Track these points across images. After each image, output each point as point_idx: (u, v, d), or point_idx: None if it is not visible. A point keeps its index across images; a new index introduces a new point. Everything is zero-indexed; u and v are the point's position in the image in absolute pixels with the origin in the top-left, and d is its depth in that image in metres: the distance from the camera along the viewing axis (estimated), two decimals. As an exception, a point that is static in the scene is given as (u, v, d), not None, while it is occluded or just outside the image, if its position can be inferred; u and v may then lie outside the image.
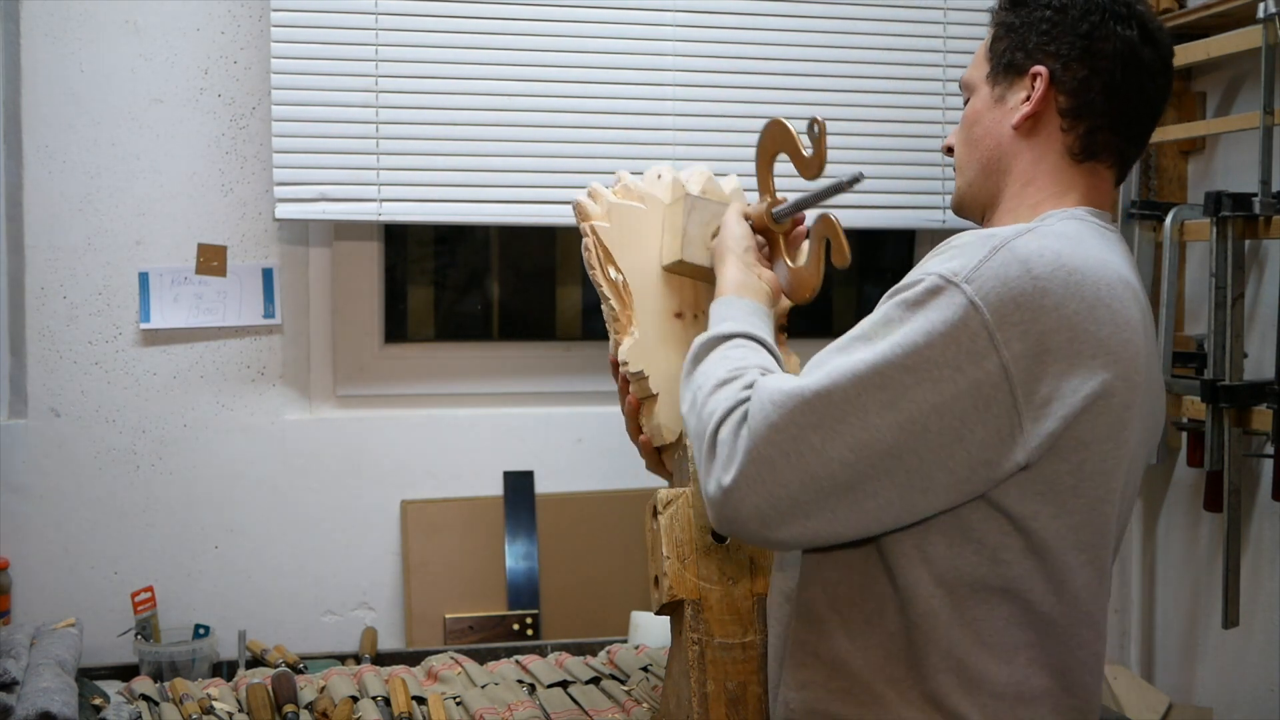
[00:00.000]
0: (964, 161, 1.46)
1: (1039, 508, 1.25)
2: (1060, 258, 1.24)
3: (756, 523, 1.23)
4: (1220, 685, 2.48)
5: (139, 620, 2.30)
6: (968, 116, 1.46)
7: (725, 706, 1.52)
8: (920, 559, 1.27)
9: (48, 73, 2.37)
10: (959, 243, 1.28)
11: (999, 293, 1.20)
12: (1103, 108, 1.37)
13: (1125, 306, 1.27)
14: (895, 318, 1.23)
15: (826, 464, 1.20)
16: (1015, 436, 1.21)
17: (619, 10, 2.50)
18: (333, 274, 2.57)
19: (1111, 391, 1.24)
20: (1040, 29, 1.39)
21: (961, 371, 1.19)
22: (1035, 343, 1.20)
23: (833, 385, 1.21)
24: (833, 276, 3.07)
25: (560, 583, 2.58)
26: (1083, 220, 1.34)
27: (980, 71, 1.45)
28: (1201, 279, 2.49)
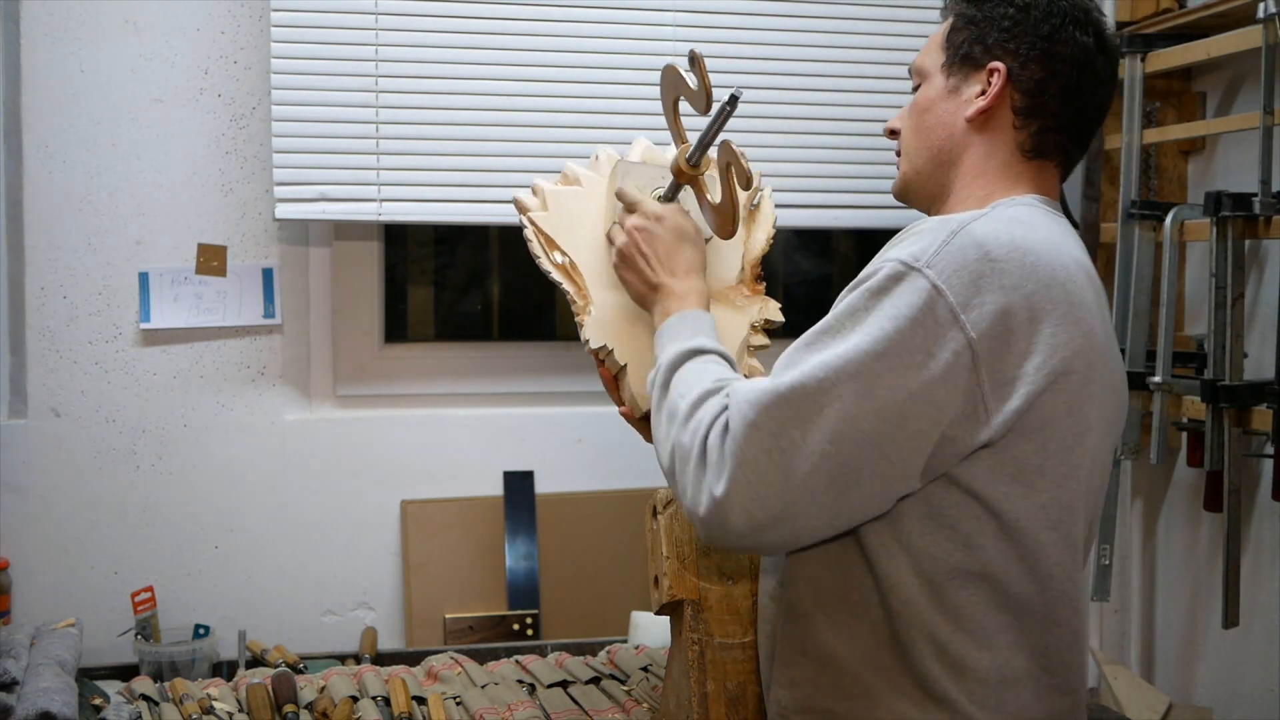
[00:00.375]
0: (912, 148, 1.48)
1: (1008, 489, 1.27)
2: (1015, 240, 1.27)
3: (747, 527, 1.23)
4: (1220, 685, 2.48)
5: (139, 620, 2.30)
6: (919, 103, 1.47)
7: (725, 706, 1.53)
8: (898, 547, 1.29)
9: (48, 73, 2.37)
10: (916, 229, 1.32)
11: (959, 274, 1.23)
12: (1055, 109, 1.40)
13: (1080, 288, 1.30)
14: (861, 306, 1.26)
15: (808, 457, 1.21)
16: (979, 415, 1.24)
17: (619, 10, 2.50)
18: (333, 274, 2.57)
19: (1070, 369, 1.27)
20: (1001, 25, 1.41)
21: (931, 355, 1.22)
22: (998, 322, 1.23)
23: (808, 379, 1.23)
24: (833, 277, 3.08)
25: (560, 583, 2.58)
26: (1034, 206, 1.37)
27: (934, 59, 1.46)
28: (1201, 279, 2.49)
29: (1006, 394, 1.24)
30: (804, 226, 2.72)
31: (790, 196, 2.59)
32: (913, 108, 1.48)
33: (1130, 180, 2.48)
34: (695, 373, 1.37)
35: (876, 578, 1.30)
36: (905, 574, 1.29)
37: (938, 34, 1.48)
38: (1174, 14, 2.44)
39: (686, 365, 1.39)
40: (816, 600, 1.35)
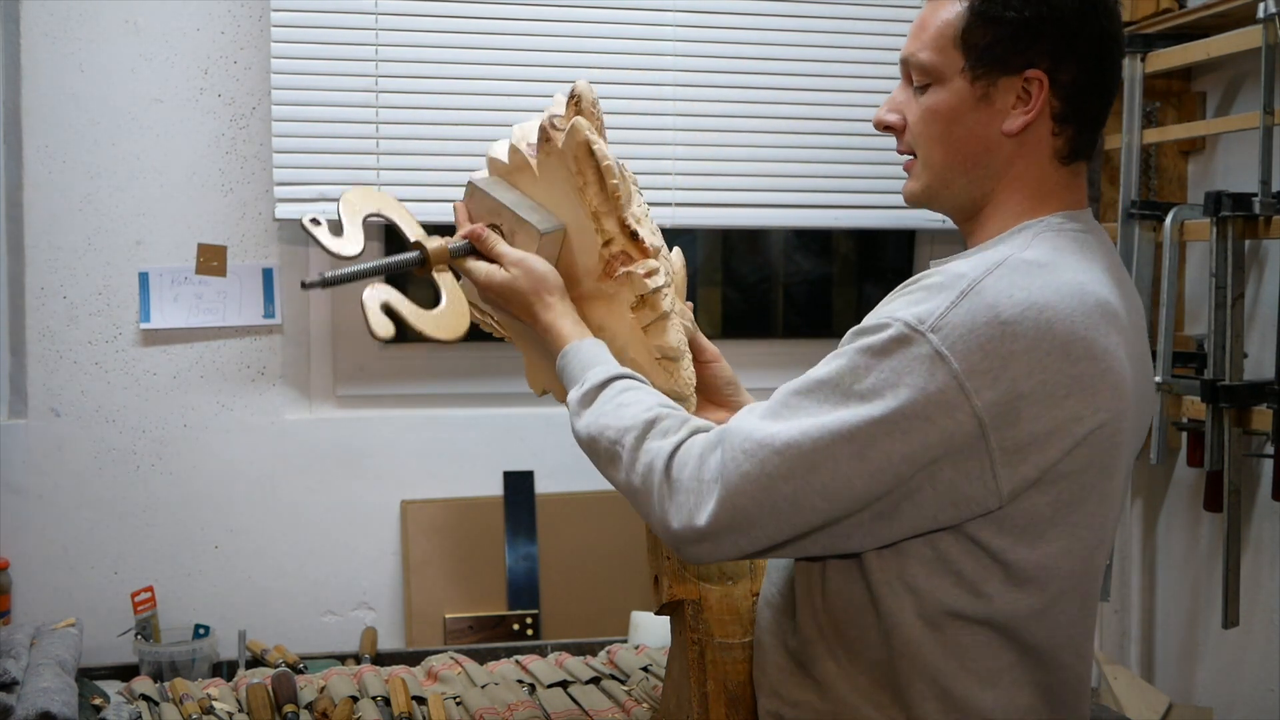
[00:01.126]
0: (937, 161, 1.35)
1: (1015, 541, 1.24)
2: (1031, 296, 1.20)
3: (734, 556, 1.25)
4: (1220, 685, 2.48)
5: (139, 620, 2.30)
6: (944, 113, 1.33)
7: (725, 706, 1.52)
8: (903, 588, 1.27)
9: (48, 73, 2.37)
10: (927, 283, 1.24)
11: (967, 341, 1.18)
12: (1092, 110, 1.33)
13: (1103, 336, 1.23)
14: (862, 365, 1.21)
15: (800, 510, 1.21)
16: (988, 482, 1.20)
17: (619, 10, 2.51)
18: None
19: (1090, 428, 1.21)
20: (1030, 25, 1.28)
21: (932, 422, 1.18)
22: (1008, 389, 1.18)
23: (802, 437, 1.20)
24: (834, 277, 3.08)
25: (560, 583, 2.58)
26: (1059, 232, 1.30)
27: (948, 61, 1.31)
28: (1201, 279, 2.49)
29: (1018, 461, 1.20)
30: (804, 226, 2.72)
31: (790, 196, 2.60)
32: (932, 115, 1.33)
33: (1130, 180, 2.48)
34: (612, 413, 1.35)
35: (879, 615, 1.29)
36: (908, 614, 1.27)
37: (941, 26, 1.32)
38: (1174, 14, 2.44)
39: (592, 409, 1.37)
40: (821, 631, 1.35)
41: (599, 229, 1.49)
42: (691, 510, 1.24)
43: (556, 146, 1.49)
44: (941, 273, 1.25)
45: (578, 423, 1.38)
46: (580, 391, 1.39)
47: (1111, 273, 1.32)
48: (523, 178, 1.55)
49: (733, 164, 2.57)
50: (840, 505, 1.21)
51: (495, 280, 1.49)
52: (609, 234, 1.50)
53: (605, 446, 1.34)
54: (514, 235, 1.52)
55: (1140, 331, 1.35)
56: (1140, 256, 2.46)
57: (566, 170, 1.48)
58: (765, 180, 2.58)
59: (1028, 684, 1.30)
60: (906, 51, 1.35)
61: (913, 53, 1.34)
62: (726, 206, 2.58)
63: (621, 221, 1.50)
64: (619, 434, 1.32)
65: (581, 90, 1.51)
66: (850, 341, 1.24)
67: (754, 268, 3.04)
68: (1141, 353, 1.34)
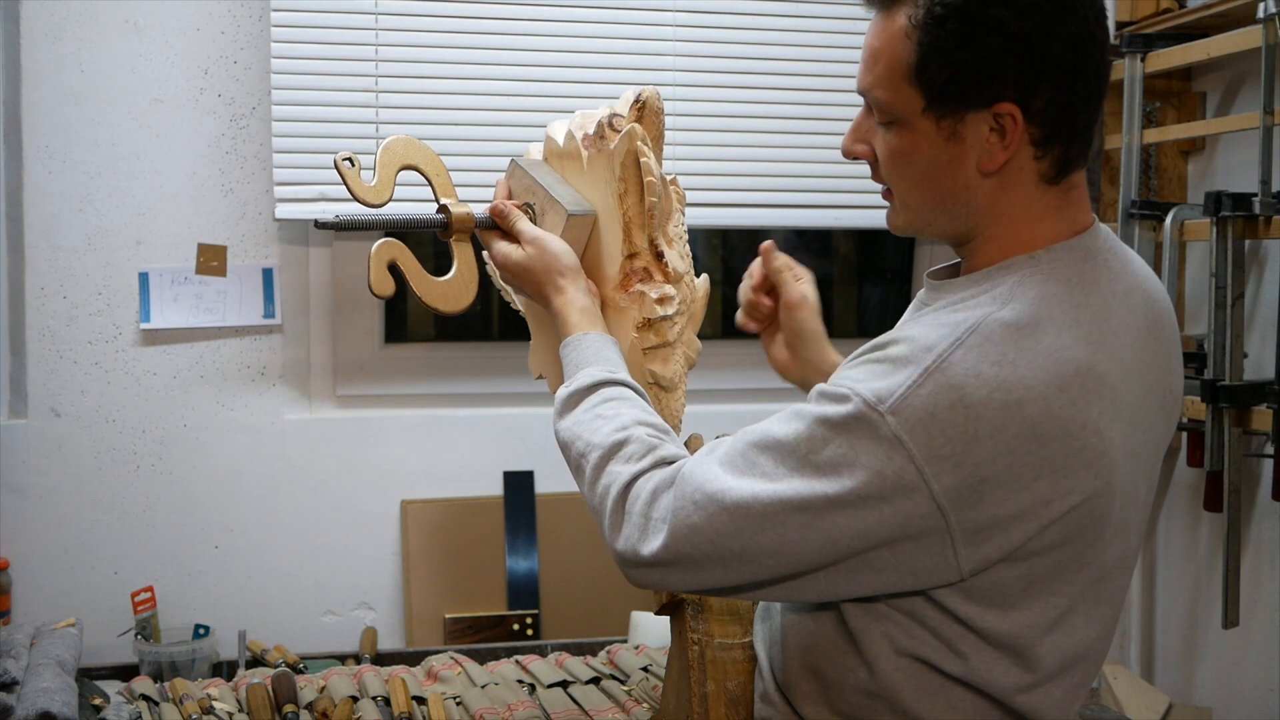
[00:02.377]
0: (913, 201, 1.27)
1: (984, 609, 1.19)
2: (1000, 374, 1.12)
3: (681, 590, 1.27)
4: (1220, 685, 2.48)
5: (139, 620, 2.30)
6: (909, 154, 1.22)
7: (725, 706, 1.52)
8: (882, 637, 1.24)
9: (48, 73, 2.37)
10: (893, 353, 1.17)
11: (927, 426, 1.11)
12: (1076, 121, 1.20)
13: (1082, 410, 1.14)
14: (819, 437, 1.16)
15: (746, 564, 1.19)
16: (949, 559, 1.16)
17: (619, 10, 2.50)
18: (333, 274, 2.57)
19: (1062, 510, 1.15)
20: (986, 55, 1.16)
21: (888, 503, 1.13)
22: (969, 473, 1.12)
23: (753, 500, 1.17)
24: (834, 277, 3.08)
25: (560, 583, 2.58)
26: (1047, 278, 1.20)
27: (905, 99, 1.20)
28: (1201, 279, 2.49)
29: (980, 542, 1.15)
30: (804, 226, 2.72)
31: (790, 196, 2.60)
32: (899, 157, 1.24)
33: (1130, 180, 2.48)
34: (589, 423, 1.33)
35: (862, 663, 1.26)
36: (891, 660, 1.24)
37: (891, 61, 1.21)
38: (1174, 14, 2.44)
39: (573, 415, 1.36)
40: (800, 673, 1.33)
41: (627, 239, 1.47)
42: (636, 542, 1.23)
43: (608, 146, 1.48)
44: (909, 341, 1.17)
45: (558, 423, 1.38)
46: (567, 391, 1.38)
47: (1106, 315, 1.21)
48: (571, 165, 1.54)
49: (733, 164, 2.57)
50: (790, 565, 1.18)
51: (511, 257, 1.47)
52: (636, 247, 1.48)
53: (574, 457, 1.34)
54: (544, 215, 1.51)
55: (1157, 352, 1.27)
56: (1140, 257, 2.46)
57: (610, 173, 1.47)
58: (765, 180, 2.58)
59: None
60: (862, 85, 1.25)
61: (868, 88, 1.24)
62: (726, 206, 2.58)
63: (651, 239, 1.48)
64: (587, 448, 1.31)
65: (648, 96, 1.50)
66: (816, 402, 1.19)
67: (754, 268, 3.04)
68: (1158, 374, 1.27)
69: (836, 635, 1.28)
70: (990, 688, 1.23)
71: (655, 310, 1.46)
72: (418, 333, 2.76)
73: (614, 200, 1.47)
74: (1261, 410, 2.22)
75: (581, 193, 1.52)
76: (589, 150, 1.51)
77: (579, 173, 1.53)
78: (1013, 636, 1.20)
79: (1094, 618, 1.25)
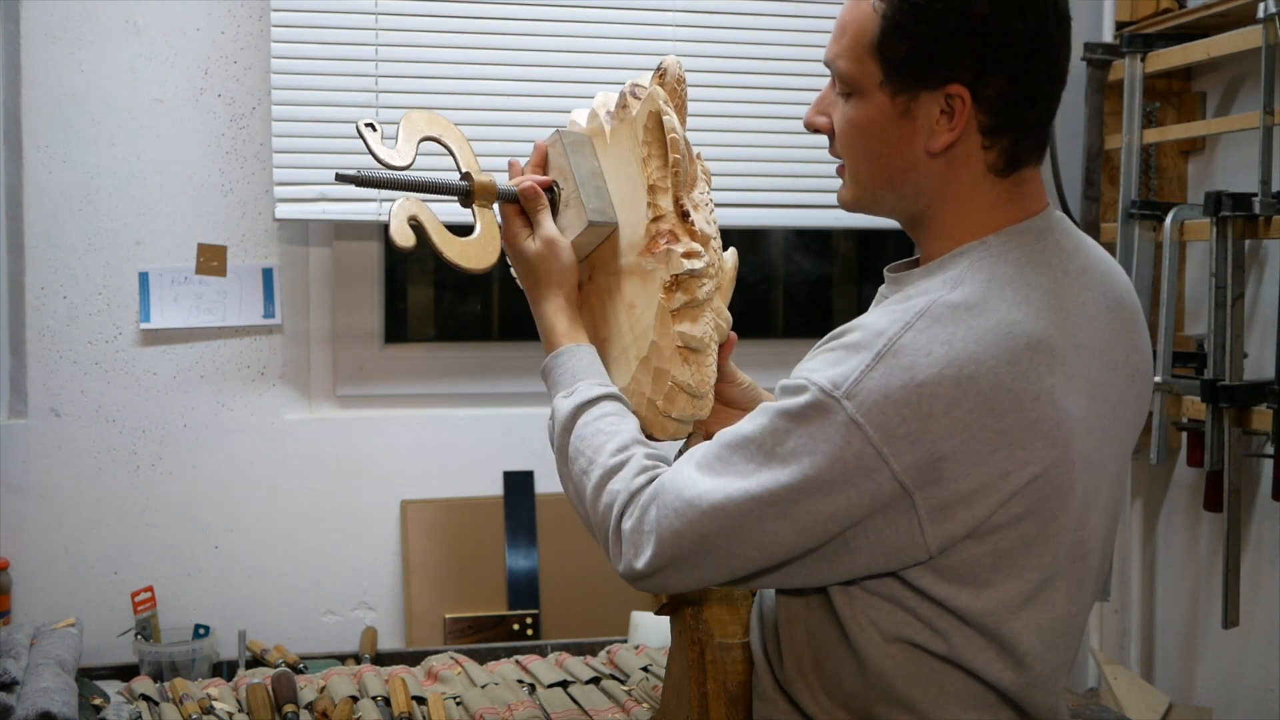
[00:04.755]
0: (863, 174, 1.30)
1: (957, 589, 1.21)
2: (951, 352, 1.15)
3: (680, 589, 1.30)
4: (1220, 685, 2.48)
5: (139, 620, 2.30)
6: (864, 126, 1.27)
7: (725, 706, 1.52)
8: (869, 623, 1.26)
9: (48, 73, 2.37)
10: (847, 340, 1.21)
11: (882, 407, 1.15)
12: (1025, 116, 1.23)
13: (1035, 381, 1.17)
14: (781, 429, 1.20)
15: (734, 558, 1.24)
16: (916, 537, 1.19)
17: (619, 10, 2.51)
18: (333, 274, 2.57)
19: (1022, 481, 1.17)
20: (946, 34, 1.19)
21: (853, 485, 1.17)
22: (927, 451, 1.15)
23: (726, 501, 1.21)
24: (834, 277, 3.08)
25: (560, 583, 2.58)
26: (998, 259, 1.23)
27: (866, 71, 1.24)
28: (1201, 279, 2.49)
29: (946, 518, 1.17)
30: (804, 226, 2.72)
31: (790, 196, 2.60)
32: (853, 129, 1.28)
33: (1130, 180, 2.48)
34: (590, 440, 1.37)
35: (854, 651, 1.28)
36: (880, 647, 1.26)
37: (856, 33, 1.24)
38: (1174, 14, 2.44)
39: (575, 429, 1.39)
40: (799, 666, 1.34)
41: (652, 203, 1.45)
42: (632, 560, 1.28)
43: (630, 114, 1.48)
44: (862, 329, 1.21)
45: (560, 437, 1.41)
46: (571, 404, 1.41)
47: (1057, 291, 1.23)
48: (599, 143, 1.54)
49: (733, 164, 2.57)
50: (773, 555, 1.22)
51: (519, 244, 1.49)
52: (661, 210, 1.45)
53: (576, 473, 1.37)
54: (567, 207, 1.50)
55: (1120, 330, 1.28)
56: (1140, 256, 2.46)
57: (634, 141, 1.47)
58: (765, 180, 2.58)
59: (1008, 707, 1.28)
60: (828, 56, 1.29)
61: (833, 58, 1.28)
62: (727, 206, 2.57)
63: (677, 199, 1.46)
64: (589, 465, 1.35)
65: (668, 65, 1.49)
66: (779, 396, 1.23)
67: (754, 268, 3.04)
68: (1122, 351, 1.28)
69: (829, 626, 1.30)
70: (974, 666, 1.25)
71: (681, 265, 1.43)
72: (418, 333, 2.76)
73: (637, 167, 1.47)
74: (1261, 410, 2.22)
75: (605, 169, 1.52)
76: (613, 123, 1.52)
77: (604, 148, 1.53)
78: (988, 614, 1.22)
79: (1069, 594, 1.26)
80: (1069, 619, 1.28)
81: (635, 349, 1.49)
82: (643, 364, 1.48)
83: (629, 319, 1.51)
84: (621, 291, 1.50)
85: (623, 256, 1.51)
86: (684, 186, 1.47)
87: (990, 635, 1.24)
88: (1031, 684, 1.27)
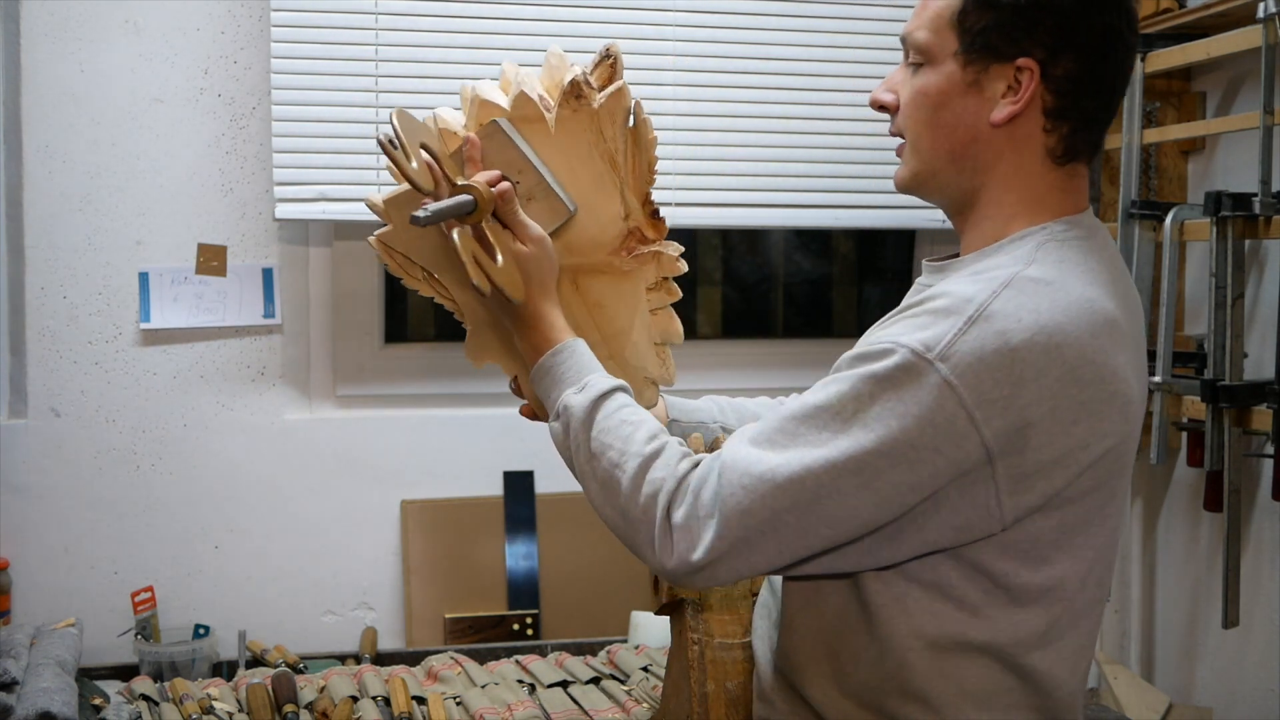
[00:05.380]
0: (924, 145, 1.31)
1: (1018, 565, 1.22)
2: (1039, 319, 1.17)
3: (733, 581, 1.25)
4: (1220, 685, 2.48)
5: (139, 620, 2.30)
6: (930, 95, 1.29)
7: (725, 706, 1.52)
8: (899, 610, 1.25)
9: (48, 73, 2.37)
10: (932, 306, 1.21)
11: (976, 370, 1.15)
12: (1089, 107, 1.28)
13: (1112, 356, 1.21)
14: (866, 394, 1.17)
15: (803, 537, 1.19)
16: (992, 509, 1.19)
17: (619, 10, 2.50)
18: (333, 274, 2.57)
19: (1097, 454, 1.20)
20: (1027, 12, 1.24)
21: (940, 453, 1.16)
22: (1016, 417, 1.16)
23: (805, 472, 1.17)
24: (834, 277, 3.08)
25: (560, 583, 2.58)
26: (1063, 243, 1.26)
27: (942, 42, 1.28)
28: (1201, 279, 2.49)
29: (1024, 489, 1.18)
30: (804, 226, 2.72)
31: (790, 196, 2.60)
32: (921, 98, 1.30)
33: (1130, 180, 2.48)
34: (615, 431, 1.30)
35: (876, 639, 1.27)
36: (906, 638, 1.25)
37: (940, 7, 1.28)
38: (1174, 14, 2.44)
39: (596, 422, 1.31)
40: (810, 654, 1.33)
41: (622, 200, 1.43)
42: (687, 550, 1.21)
43: (589, 106, 1.39)
44: (947, 295, 1.21)
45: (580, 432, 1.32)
46: (587, 399, 1.33)
47: (1115, 280, 1.28)
48: (531, 130, 1.41)
49: (733, 164, 2.57)
50: (845, 532, 1.19)
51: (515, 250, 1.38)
52: (629, 207, 1.43)
53: (606, 467, 1.29)
54: (530, 200, 1.41)
55: (1140, 335, 1.33)
56: (1140, 256, 2.46)
57: (595, 134, 1.40)
58: (765, 180, 2.58)
59: (1024, 708, 1.28)
60: (906, 29, 1.32)
61: (910, 31, 1.31)
62: (726, 206, 2.58)
63: (646, 198, 1.44)
64: (620, 457, 1.28)
65: (618, 54, 1.42)
66: (850, 367, 1.21)
67: (754, 268, 3.04)
68: (1142, 358, 1.32)
69: (850, 613, 1.29)
70: (1009, 650, 1.25)
71: (678, 268, 1.44)
72: (418, 333, 2.76)
73: (598, 163, 1.41)
74: (1261, 410, 2.22)
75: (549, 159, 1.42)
76: (559, 112, 1.40)
77: (544, 137, 1.41)
78: (1042, 591, 1.24)
79: (1102, 580, 1.30)
80: (1095, 603, 1.31)
81: (605, 348, 1.47)
82: (617, 362, 1.48)
83: (596, 318, 1.48)
84: (584, 290, 1.46)
85: (583, 255, 1.44)
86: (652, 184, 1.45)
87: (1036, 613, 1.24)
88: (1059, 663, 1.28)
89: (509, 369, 1.52)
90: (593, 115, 1.40)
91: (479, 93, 1.44)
